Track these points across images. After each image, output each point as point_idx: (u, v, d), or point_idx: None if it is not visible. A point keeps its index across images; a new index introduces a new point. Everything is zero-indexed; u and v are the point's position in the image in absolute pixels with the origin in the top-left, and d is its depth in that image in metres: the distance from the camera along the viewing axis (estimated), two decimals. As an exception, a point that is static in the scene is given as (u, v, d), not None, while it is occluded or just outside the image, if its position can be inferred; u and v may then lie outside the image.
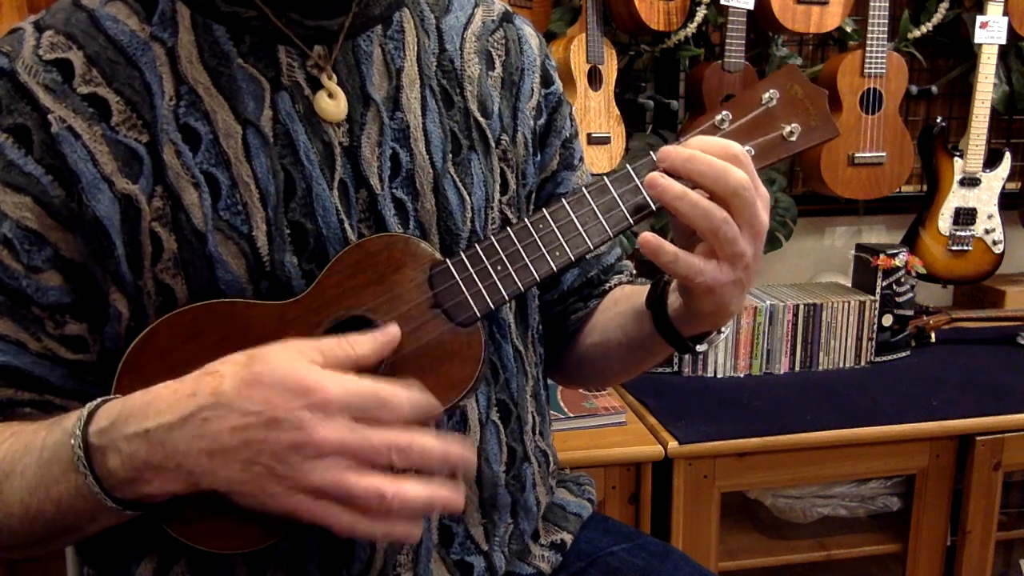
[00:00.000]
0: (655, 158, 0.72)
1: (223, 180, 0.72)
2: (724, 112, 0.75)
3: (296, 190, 0.74)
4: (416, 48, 0.82)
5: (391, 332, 0.69)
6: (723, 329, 0.81)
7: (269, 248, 0.73)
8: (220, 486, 0.64)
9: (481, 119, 0.84)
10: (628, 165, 0.74)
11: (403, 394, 0.63)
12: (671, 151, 0.69)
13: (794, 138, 0.75)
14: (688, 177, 0.69)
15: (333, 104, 0.76)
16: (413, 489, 0.62)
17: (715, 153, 0.69)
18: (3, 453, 0.69)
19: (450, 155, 0.81)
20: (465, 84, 0.84)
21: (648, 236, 0.69)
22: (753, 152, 0.74)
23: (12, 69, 0.71)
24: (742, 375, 1.80)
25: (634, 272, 1.01)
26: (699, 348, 0.82)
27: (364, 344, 0.67)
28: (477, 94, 0.84)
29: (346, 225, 0.75)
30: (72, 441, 0.65)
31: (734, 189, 0.67)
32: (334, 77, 0.77)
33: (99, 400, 0.67)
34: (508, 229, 0.73)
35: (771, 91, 0.75)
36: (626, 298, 0.91)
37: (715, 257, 0.70)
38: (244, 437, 0.61)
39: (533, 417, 0.90)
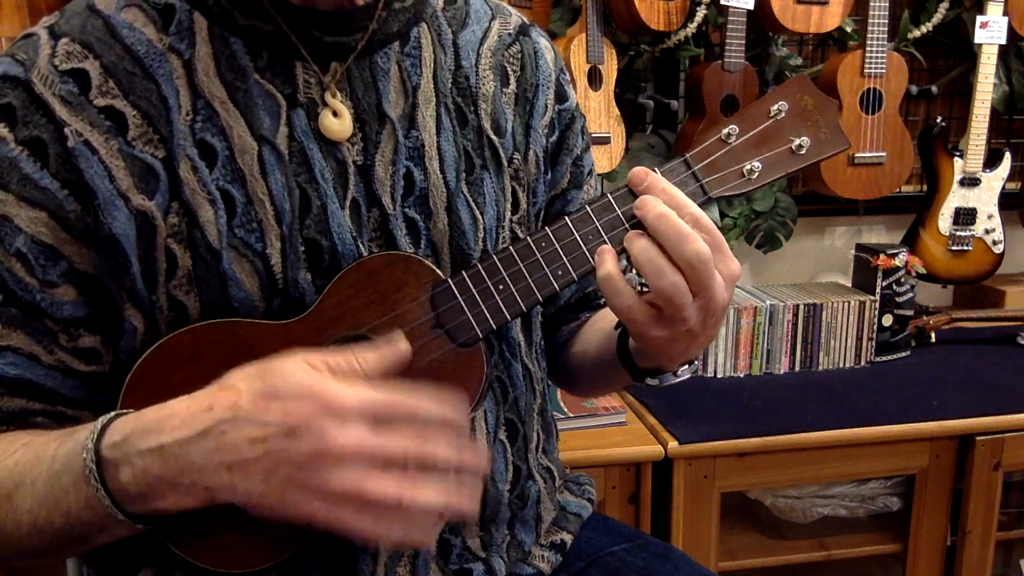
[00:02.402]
0: (657, 174, 0.71)
1: (238, 197, 0.72)
2: (731, 126, 0.73)
3: (311, 207, 0.73)
4: (433, 65, 0.81)
5: (400, 348, 0.68)
6: (678, 372, 0.80)
7: (283, 265, 0.72)
8: (238, 499, 0.63)
9: (494, 138, 0.83)
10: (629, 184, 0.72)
11: (419, 405, 0.63)
12: (649, 204, 0.69)
13: (803, 151, 0.73)
14: (652, 233, 0.68)
15: (337, 122, 0.75)
16: (430, 492, 0.62)
17: (685, 218, 0.68)
18: (14, 463, 0.69)
19: (463, 174, 0.80)
20: (479, 102, 0.83)
21: (604, 248, 0.70)
22: (760, 168, 0.73)
23: (28, 79, 0.70)
24: (742, 375, 1.80)
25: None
26: (648, 381, 0.81)
27: (371, 360, 0.66)
28: (491, 112, 0.83)
29: (359, 243, 0.75)
30: (84, 454, 0.64)
31: (688, 259, 0.66)
32: (338, 95, 0.76)
33: (113, 413, 0.67)
34: (511, 247, 0.71)
35: (780, 103, 0.73)
36: (609, 316, 0.91)
37: (657, 309, 0.69)
38: (265, 448, 0.61)
39: (538, 434, 0.90)
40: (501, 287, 0.71)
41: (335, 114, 0.75)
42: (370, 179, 0.76)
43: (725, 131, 0.73)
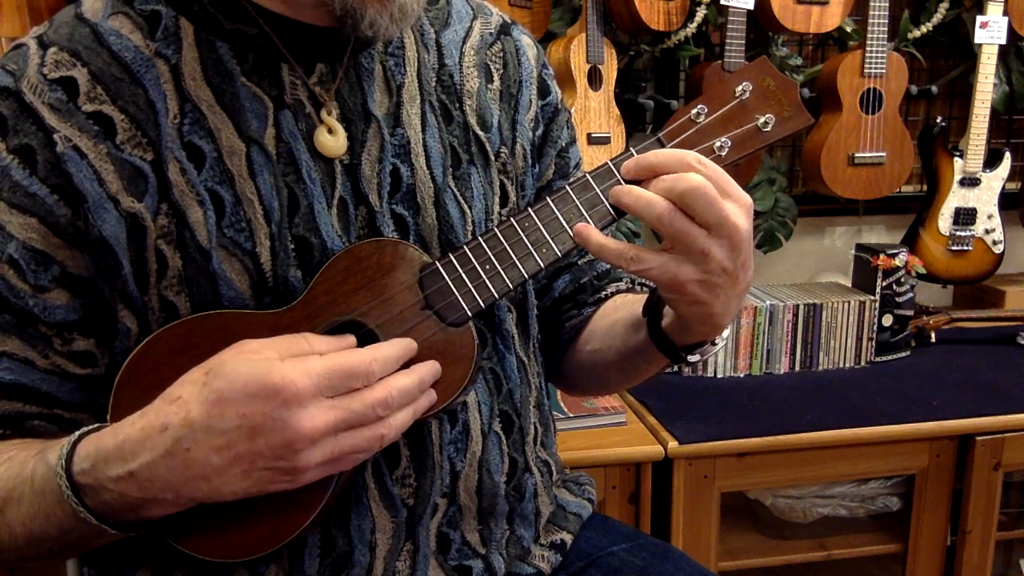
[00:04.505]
0: (634, 152, 0.73)
1: (227, 198, 0.72)
2: (699, 106, 0.75)
3: (299, 207, 0.74)
4: (416, 64, 0.82)
5: (348, 340, 0.70)
6: (717, 341, 0.80)
7: (272, 264, 0.73)
8: (228, 498, 0.64)
9: (480, 133, 0.84)
10: (609, 161, 0.74)
11: (368, 357, 0.66)
12: (629, 164, 0.71)
13: (768, 128, 0.75)
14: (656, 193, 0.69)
15: (332, 140, 0.76)
16: (401, 416, 0.67)
17: (667, 164, 0.69)
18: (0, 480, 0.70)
19: (450, 169, 0.81)
20: (464, 98, 0.84)
21: (580, 226, 0.71)
22: (730, 144, 0.75)
23: (18, 89, 0.71)
24: (742, 375, 1.80)
25: (634, 278, 1.01)
26: (691, 359, 0.81)
27: (320, 342, 0.68)
28: (476, 108, 0.84)
29: (346, 242, 0.76)
30: (59, 481, 0.65)
31: (684, 190, 0.67)
32: (334, 112, 0.76)
33: (76, 435, 0.67)
34: (495, 229, 0.73)
35: (744, 84, 0.75)
36: (626, 306, 0.91)
37: (673, 252, 0.70)
38: (233, 454, 0.62)
39: (535, 427, 0.90)
40: (487, 266, 0.73)
41: (330, 131, 0.76)
42: (357, 177, 0.77)
43: (694, 111, 0.75)
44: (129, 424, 0.65)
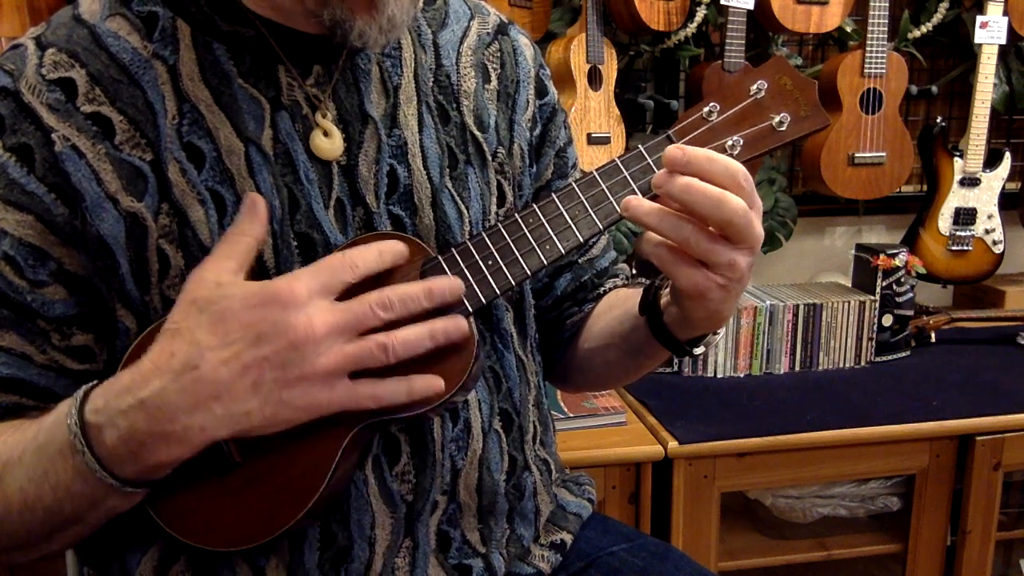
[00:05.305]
0: (642, 150, 0.72)
1: (228, 197, 0.73)
2: (712, 103, 0.74)
3: (300, 205, 0.75)
4: (413, 65, 0.82)
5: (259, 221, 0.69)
6: (719, 330, 0.81)
7: (276, 261, 0.73)
8: (239, 428, 0.64)
9: (477, 133, 0.84)
10: (616, 158, 0.73)
11: (363, 253, 0.67)
12: (665, 179, 0.67)
13: (784, 128, 0.74)
14: (682, 206, 0.67)
15: (328, 142, 0.76)
16: (412, 331, 0.66)
17: (717, 173, 0.67)
18: (2, 442, 0.69)
19: (447, 170, 0.81)
20: (461, 99, 0.84)
21: (631, 200, 0.69)
22: (742, 143, 0.73)
23: (16, 88, 0.71)
24: (742, 375, 1.80)
25: (629, 275, 1.01)
26: (696, 351, 0.81)
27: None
28: (473, 108, 0.84)
29: (345, 239, 0.76)
30: (68, 421, 0.65)
31: (729, 219, 0.66)
32: (329, 115, 0.76)
33: (93, 382, 0.67)
34: (499, 224, 0.73)
35: (760, 82, 0.74)
36: (621, 302, 0.91)
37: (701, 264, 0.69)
38: (240, 364, 0.62)
39: (535, 426, 0.90)
40: (490, 262, 0.72)
41: (326, 134, 0.76)
42: (354, 178, 0.77)
43: (706, 109, 0.74)
44: (144, 358, 0.65)
